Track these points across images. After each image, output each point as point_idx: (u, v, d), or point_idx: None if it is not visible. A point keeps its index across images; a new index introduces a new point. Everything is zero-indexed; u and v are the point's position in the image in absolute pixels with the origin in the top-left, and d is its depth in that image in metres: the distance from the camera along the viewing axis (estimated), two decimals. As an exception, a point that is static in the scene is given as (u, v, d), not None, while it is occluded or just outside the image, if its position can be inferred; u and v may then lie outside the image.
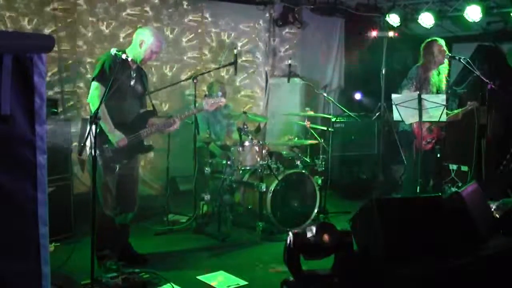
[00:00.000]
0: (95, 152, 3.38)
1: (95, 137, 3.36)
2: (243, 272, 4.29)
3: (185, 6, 7.03)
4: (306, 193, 5.52)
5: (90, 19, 6.25)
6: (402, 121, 5.35)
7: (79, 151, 3.96)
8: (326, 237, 3.34)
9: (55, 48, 5.63)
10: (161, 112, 5.97)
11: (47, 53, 1.77)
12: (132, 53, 4.18)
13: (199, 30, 7.19)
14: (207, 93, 6.10)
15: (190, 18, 7.10)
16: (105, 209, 4.15)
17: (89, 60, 6.26)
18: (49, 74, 5.99)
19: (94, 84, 4.03)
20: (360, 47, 7.90)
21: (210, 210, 5.62)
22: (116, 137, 4.07)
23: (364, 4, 7.90)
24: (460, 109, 5.77)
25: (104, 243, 4.14)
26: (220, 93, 5.39)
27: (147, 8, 6.72)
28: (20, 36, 1.69)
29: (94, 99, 3.99)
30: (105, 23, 6.34)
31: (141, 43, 4.17)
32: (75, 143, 5.48)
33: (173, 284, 3.90)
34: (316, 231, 3.37)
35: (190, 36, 7.14)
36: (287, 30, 7.99)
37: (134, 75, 4.25)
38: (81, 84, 6.24)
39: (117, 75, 3.94)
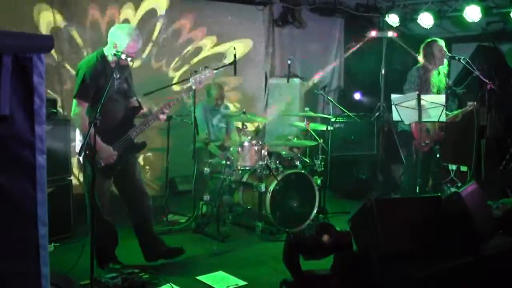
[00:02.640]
0: (95, 153, 3.36)
1: (94, 138, 3.35)
2: (242, 272, 4.28)
3: (184, 6, 7.02)
4: (306, 193, 5.51)
5: (90, 12, 6.23)
6: (402, 121, 5.36)
7: (79, 151, 3.96)
8: (325, 237, 3.34)
9: (55, 47, 5.62)
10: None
11: (47, 53, 1.77)
12: (110, 53, 4.00)
13: (199, 30, 7.18)
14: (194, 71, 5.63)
15: (190, 17, 7.09)
16: (103, 215, 4.12)
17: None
18: (49, 73, 5.99)
19: (75, 102, 3.91)
20: (359, 47, 7.90)
21: (209, 210, 5.61)
22: (104, 154, 3.93)
23: (364, 4, 7.90)
24: (460, 110, 5.78)
25: (103, 246, 4.15)
26: (207, 66, 4.76)
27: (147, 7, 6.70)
28: (20, 36, 1.69)
29: (76, 117, 3.90)
30: (104, 22, 6.33)
31: (115, 46, 3.95)
32: (74, 144, 5.47)
33: (172, 284, 3.90)
34: (316, 231, 3.38)
35: (189, 36, 7.13)
36: (287, 30, 7.99)
37: (118, 75, 4.07)
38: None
39: (99, 81, 3.88)
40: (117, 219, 4.34)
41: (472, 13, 6.59)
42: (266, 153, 5.48)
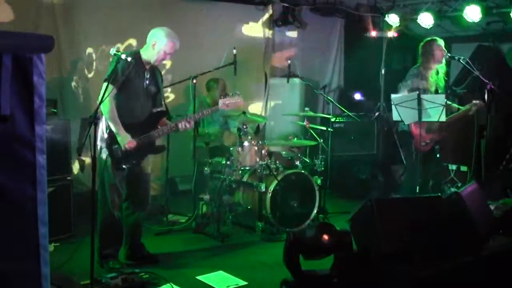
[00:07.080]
0: (94, 152, 3.38)
1: (95, 138, 3.36)
2: (242, 272, 4.29)
3: (184, 6, 7.02)
4: (306, 193, 5.51)
5: (91, 8, 6.22)
6: (402, 121, 5.35)
7: (79, 150, 3.97)
8: (325, 237, 3.34)
9: (55, 47, 5.61)
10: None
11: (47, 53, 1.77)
12: (146, 54, 4.19)
13: (199, 30, 7.18)
14: (221, 93, 5.79)
15: (190, 18, 7.08)
16: (112, 209, 4.19)
17: (89, 59, 6.24)
18: (48, 73, 5.98)
19: (104, 84, 4.00)
20: (360, 47, 7.90)
21: (209, 210, 5.61)
22: (124, 139, 4.06)
23: (364, 4, 7.90)
24: (463, 107, 5.75)
25: (109, 243, 4.21)
26: (238, 92, 4.92)
27: (147, 7, 6.69)
28: (20, 36, 1.69)
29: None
30: (104, 22, 6.33)
31: (154, 44, 4.15)
32: (74, 143, 5.47)
33: (172, 284, 3.90)
34: (316, 231, 3.38)
35: (189, 36, 7.11)
36: (287, 30, 7.98)
37: (148, 75, 4.24)
38: (81, 84, 6.23)
39: (129, 75, 3.99)
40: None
41: (472, 13, 6.59)
42: (266, 153, 5.49)
